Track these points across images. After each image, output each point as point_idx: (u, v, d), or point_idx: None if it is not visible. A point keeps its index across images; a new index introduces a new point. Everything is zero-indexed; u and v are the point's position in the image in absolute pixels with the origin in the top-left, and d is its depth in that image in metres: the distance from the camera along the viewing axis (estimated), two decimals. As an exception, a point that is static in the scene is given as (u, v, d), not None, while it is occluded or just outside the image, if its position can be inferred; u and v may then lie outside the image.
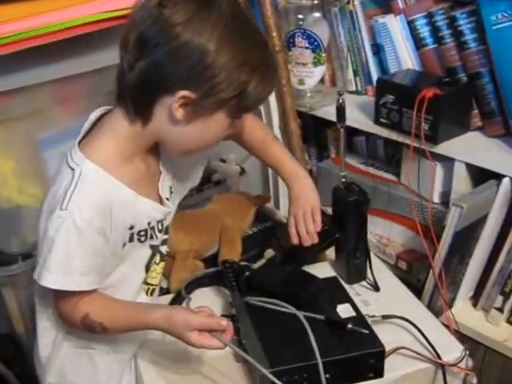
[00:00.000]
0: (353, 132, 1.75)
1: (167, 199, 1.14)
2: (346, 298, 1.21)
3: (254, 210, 1.49)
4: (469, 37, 1.42)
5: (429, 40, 1.51)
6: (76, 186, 0.99)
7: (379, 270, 1.39)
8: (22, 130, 1.32)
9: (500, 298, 1.44)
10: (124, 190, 1.04)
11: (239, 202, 1.49)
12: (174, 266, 1.34)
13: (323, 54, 1.59)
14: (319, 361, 1.03)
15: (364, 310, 1.21)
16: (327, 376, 1.03)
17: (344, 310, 1.18)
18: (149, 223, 1.10)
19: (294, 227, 1.29)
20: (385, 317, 1.21)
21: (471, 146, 1.44)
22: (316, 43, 1.57)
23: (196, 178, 1.27)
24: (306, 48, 1.58)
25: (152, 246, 1.13)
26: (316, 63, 1.59)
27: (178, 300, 1.25)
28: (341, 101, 1.26)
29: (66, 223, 0.98)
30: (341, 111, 1.26)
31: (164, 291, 1.35)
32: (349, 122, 1.59)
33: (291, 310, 1.12)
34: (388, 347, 1.11)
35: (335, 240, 1.32)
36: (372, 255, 1.40)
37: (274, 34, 1.53)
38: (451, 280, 1.44)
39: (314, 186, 1.31)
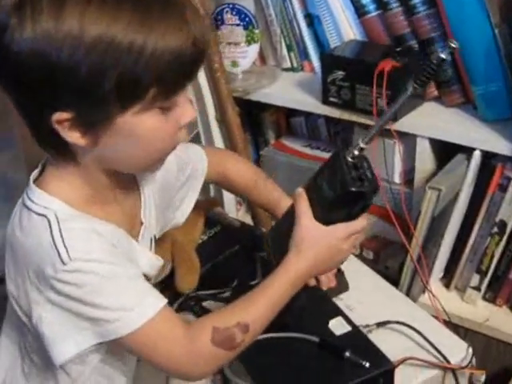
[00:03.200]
0: (290, 113, 1.60)
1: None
2: (336, 310, 1.08)
3: (203, 218, 1.30)
4: (416, 0, 1.29)
5: (371, 7, 1.36)
6: (62, 232, 0.77)
7: (354, 265, 1.27)
8: None
9: (476, 277, 1.35)
10: (104, 223, 0.82)
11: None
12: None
13: (256, 31, 1.41)
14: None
15: (351, 317, 1.09)
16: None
17: (337, 326, 1.05)
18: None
19: None
20: (379, 324, 1.10)
21: (432, 120, 1.32)
22: (248, 19, 1.39)
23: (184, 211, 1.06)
24: (237, 25, 1.40)
25: None
26: (249, 41, 1.41)
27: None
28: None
29: (84, 269, 0.76)
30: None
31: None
32: (292, 104, 1.47)
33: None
34: (390, 358, 1.00)
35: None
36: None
37: (201, 11, 1.33)
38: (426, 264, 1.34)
39: None
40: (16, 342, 0.91)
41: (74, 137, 0.75)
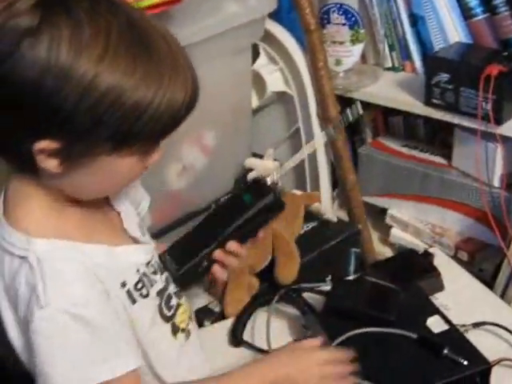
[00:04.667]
0: (388, 111, 1.62)
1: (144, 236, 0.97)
2: (434, 309, 1.10)
3: (303, 211, 1.35)
4: (526, 4, 1.29)
5: (478, 9, 1.37)
6: (43, 275, 0.77)
7: (449, 266, 1.29)
8: None
9: None
10: (88, 247, 0.82)
11: (287, 203, 1.34)
12: (228, 286, 1.19)
13: (362, 31, 1.44)
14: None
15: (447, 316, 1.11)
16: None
17: (435, 324, 1.06)
18: (138, 271, 0.90)
19: None
20: (475, 325, 1.11)
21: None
22: (354, 19, 1.42)
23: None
24: (343, 25, 1.42)
25: (159, 293, 0.94)
26: (354, 41, 1.44)
27: (240, 325, 1.13)
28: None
29: (56, 320, 0.76)
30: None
31: (216, 315, 1.22)
32: (393, 104, 1.48)
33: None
34: (486, 359, 1.01)
35: None
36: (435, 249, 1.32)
37: (308, 10, 1.36)
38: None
39: None
40: None
41: (50, 165, 0.75)
